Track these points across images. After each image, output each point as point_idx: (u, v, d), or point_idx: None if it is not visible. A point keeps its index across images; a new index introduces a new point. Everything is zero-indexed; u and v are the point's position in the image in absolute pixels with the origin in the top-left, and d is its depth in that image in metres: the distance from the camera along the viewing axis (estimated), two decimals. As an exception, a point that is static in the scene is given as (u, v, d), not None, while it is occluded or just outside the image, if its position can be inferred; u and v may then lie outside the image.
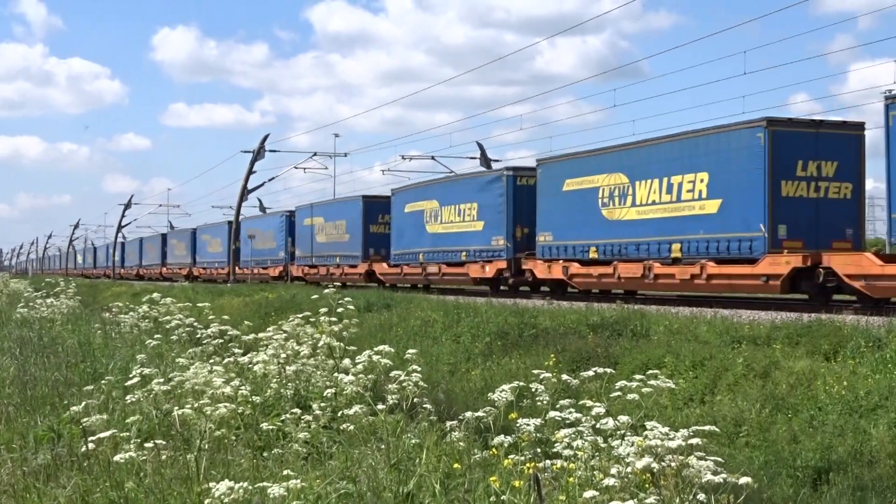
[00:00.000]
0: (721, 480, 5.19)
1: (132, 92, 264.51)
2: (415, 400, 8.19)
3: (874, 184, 72.65)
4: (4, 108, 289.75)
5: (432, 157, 62.88)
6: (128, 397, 9.10)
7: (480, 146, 57.98)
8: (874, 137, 27.06)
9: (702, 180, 27.73)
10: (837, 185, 25.97)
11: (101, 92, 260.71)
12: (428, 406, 8.33)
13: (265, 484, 5.42)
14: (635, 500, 4.83)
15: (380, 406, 7.90)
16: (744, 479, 5.10)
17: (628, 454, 5.62)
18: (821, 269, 23.99)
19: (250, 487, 5.19)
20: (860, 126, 26.74)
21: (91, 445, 7.18)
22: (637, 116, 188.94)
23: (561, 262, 33.55)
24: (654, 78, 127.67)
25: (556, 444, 6.50)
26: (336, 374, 9.38)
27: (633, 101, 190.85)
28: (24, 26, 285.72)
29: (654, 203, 29.54)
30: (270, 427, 8.26)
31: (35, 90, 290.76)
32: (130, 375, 9.40)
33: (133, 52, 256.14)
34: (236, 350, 11.36)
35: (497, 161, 55.79)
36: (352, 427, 7.72)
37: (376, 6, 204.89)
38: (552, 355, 19.31)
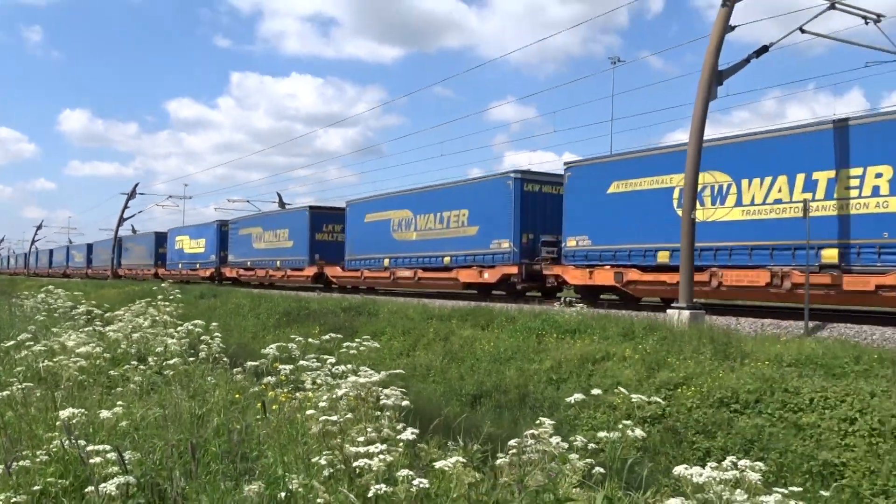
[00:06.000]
0: (405, 404, 5.15)
1: (43, 151, 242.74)
2: (216, 355, 7.92)
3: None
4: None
5: (247, 200, 61.45)
6: (16, 355, 8.35)
7: (279, 195, 56.84)
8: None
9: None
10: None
11: (21, 150, 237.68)
12: (225, 359, 8.05)
13: (100, 410, 5.08)
14: (338, 415, 4.78)
15: (191, 359, 7.58)
16: (405, 403, 5.03)
17: (343, 387, 5.58)
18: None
19: (86, 412, 4.83)
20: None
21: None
22: (378, 180, 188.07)
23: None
24: (390, 155, 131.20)
25: (304, 382, 6.40)
26: (164, 338, 8.93)
27: (377, 169, 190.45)
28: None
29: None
30: (116, 373, 7.77)
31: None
32: (17, 339, 8.62)
33: (45, 123, 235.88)
34: (97, 323, 10.65)
35: (289, 204, 54.30)
36: (172, 373, 7.37)
37: (212, 103, 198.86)
38: (317, 327, 19.09)
